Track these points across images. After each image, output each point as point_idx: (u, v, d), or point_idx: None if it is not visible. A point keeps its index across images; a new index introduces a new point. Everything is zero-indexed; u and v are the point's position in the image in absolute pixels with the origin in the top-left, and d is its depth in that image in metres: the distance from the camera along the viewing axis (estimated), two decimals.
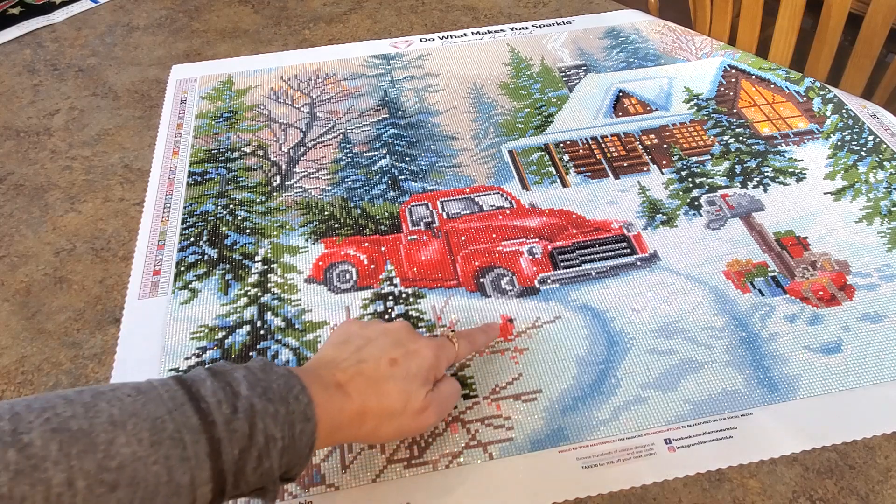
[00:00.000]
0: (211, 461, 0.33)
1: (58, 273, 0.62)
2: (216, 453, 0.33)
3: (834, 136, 0.72)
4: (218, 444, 0.33)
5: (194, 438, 0.33)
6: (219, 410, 0.34)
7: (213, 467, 0.33)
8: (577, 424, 0.49)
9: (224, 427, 0.34)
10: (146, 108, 0.80)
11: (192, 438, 0.33)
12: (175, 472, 0.32)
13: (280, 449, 0.36)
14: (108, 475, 0.30)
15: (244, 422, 0.35)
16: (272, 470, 0.36)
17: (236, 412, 0.35)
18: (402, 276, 0.60)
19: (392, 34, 0.91)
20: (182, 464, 0.32)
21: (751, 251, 0.61)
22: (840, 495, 0.46)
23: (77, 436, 0.30)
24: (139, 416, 0.32)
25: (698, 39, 0.87)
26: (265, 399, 0.36)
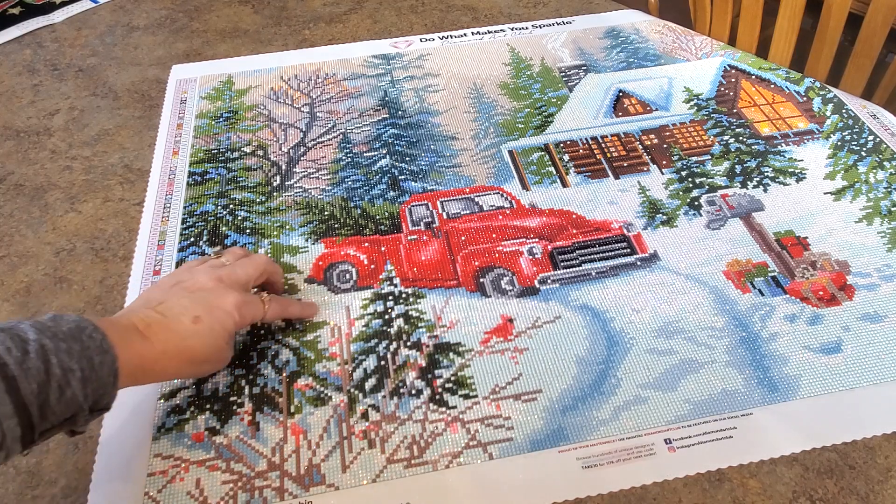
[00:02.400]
0: (10, 396, 0.36)
1: (58, 273, 0.62)
2: (14, 389, 0.36)
3: (834, 136, 0.72)
4: (13, 381, 0.36)
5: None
6: (8, 354, 0.37)
7: (13, 402, 0.36)
8: (577, 424, 0.49)
9: (17, 367, 0.36)
10: (146, 108, 0.80)
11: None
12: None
13: (80, 379, 0.39)
14: None
15: (37, 360, 0.37)
16: (76, 397, 0.38)
17: (27, 353, 0.37)
18: (402, 276, 0.60)
19: (392, 34, 0.91)
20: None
21: (751, 251, 0.61)
22: (840, 495, 0.46)
23: None
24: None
25: (698, 39, 0.87)
26: (56, 339, 0.39)
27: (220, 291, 0.48)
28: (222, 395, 0.52)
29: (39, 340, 0.38)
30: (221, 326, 0.47)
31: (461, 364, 0.53)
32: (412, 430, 0.50)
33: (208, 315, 0.46)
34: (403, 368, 0.53)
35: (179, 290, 0.48)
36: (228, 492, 0.47)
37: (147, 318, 0.45)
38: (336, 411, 0.51)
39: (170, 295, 0.48)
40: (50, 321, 0.40)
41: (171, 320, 0.45)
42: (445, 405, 0.51)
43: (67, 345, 0.39)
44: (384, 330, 0.56)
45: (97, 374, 0.40)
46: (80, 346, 0.39)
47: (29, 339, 0.38)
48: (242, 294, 0.49)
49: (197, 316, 0.46)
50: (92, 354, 0.40)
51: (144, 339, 0.44)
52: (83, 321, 0.41)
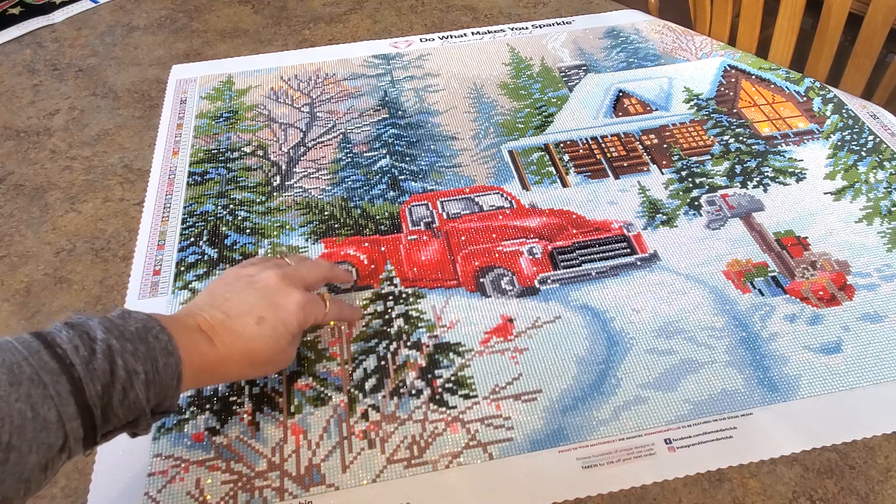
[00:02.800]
0: (74, 397, 0.35)
1: (58, 273, 0.62)
2: (79, 390, 0.36)
3: (834, 136, 0.72)
4: (79, 382, 0.36)
5: (54, 379, 0.35)
6: (76, 354, 0.36)
7: (77, 402, 0.35)
8: (577, 424, 0.49)
9: (83, 367, 0.36)
10: (146, 108, 0.80)
11: (52, 379, 0.35)
12: (39, 409, 0.34)
13: (144, 381, 0.38)
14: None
15: (103, 361, 0.37)
16: (139, 401, 0.38)
17: (94, 353, 0.37)
18: (402, 276, 0.60)
19: (392, 34, 0.91)
20: (46, 401, 0.34)
21: (751, 251, 0.61)
22: (840, 495, 0.46)
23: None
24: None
25: (698, 39, 0.87)
26: (123, 339, 0.38)
27: (286, 290, 0.47)
28: (222, 395, 0.52)
29: (107, 340, 0.38)
30: (285, 327, 0.46)
31: (461, 364, 0.53)
32: (412, 430, 0.50)
33: (273, 314, 0.46)
34: (403, 368, 0.53)
35: (245, 284, 0.47)
36: (228, 492, 0.47)
37: (212, 319, 0.44)
38: (336, 411, 0.51)
39: (236, 290, 0.47)
40: (118, 318, 0.40)
41: (235, 320, 0.45)
42: (445, 405, 0.51)
43: (134, 346, 0.38)
44: (384, 330, 0.56)
45: (161, 376, 0.39)
46: (146, 347, 0.39)
47: (97, 337, 0.38)
48: (306, 293, 0.48)
49: (261, 316, 0.45)
50: (157, 356, 0.39)
51: (209, 342, 0.43)
52: (150, 320, 0.41)
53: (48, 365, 0.35)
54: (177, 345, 0.41)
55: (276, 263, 0.51)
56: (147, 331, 0.40)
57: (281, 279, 0.48)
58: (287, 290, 0.47)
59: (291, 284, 0.48)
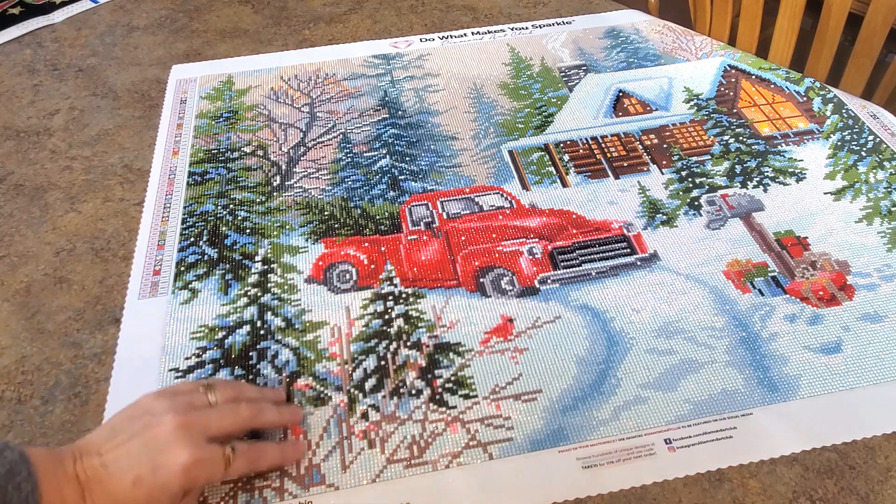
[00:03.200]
0: None
1: (58, 273, 0.62)
2: None
3: (834, 136, 0.72)
4: None
5: None
6: None
7: None
8: (577, 424, 0.49)
9: None
10: (146, 108, 0.80)
11: None
12: None
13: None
14: None
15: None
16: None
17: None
18: (402, 276, 0.60)
19: (392, 34, 0.91)
20: None
21: (751, 251, 0.61)
22: (840, 495, 0.46)
23: None
24: None
25: (698, 39, 0.87)
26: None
27: (174, 446, 0.41)
28: None
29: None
30: (163, 490, 0.41)
31: (461, 364, 0.53)
32: (412, 430, 0.50)
33: (151, 476, 0.40)
34: (403, 368, 0.53)
35: (141, 427, 0.42)
36: (228, 492, 0.47)
37: (91, 471, 0.41)
38: (336, 411, 0.51)
39: (131, 432, 0.42)
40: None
41: (112, 478, 0.40)
42: (445, 405, 0.51)
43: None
44: (384, 330, 0.56)
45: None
46: (2, 499, 0.36)
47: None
48: (201, 449, 0.42)
49: (139, 476, 0.40)
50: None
51: (80, 499, 0.40)
52: (19, 464, 0.37)
53: None
54: (39, 498, 0.37)
55: (188, 403, 0.44)
56: (10, 478, 0.37)
57: (176, 429, 0.42)
58: (177, 447, 0.41)
59: (185, 437, 0.42)
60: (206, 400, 0.46)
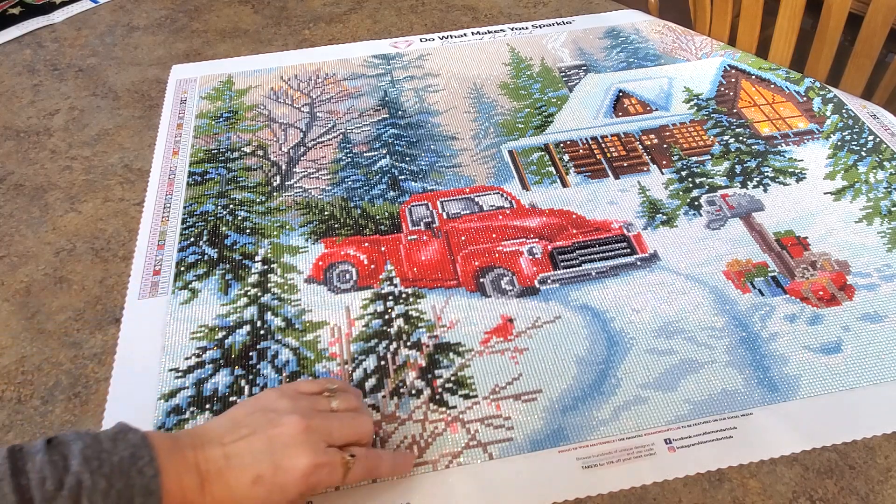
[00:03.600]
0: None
1: (58, 273, 0.62)
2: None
3: (834, 136, 0.72)
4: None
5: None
6: (40, 488, 0.34)
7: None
8: (577, 424, 0.49)
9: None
10: (146, 108, 0.80)
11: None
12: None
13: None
14: None
15: (67, 499, 0.34)
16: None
17: (61, 489, 0.34)
18: (402, 276, 0.60)
19: (392, 34, 0.91)
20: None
21: (751, 251, 0.61)
22: (840, 495, 0.46)
23: None
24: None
25: (698, 39, 0.87)
26: (98, 474, 0.35)
27: (298, 448, 0.41)
28: (222, 395, 0.52)
29: (79, 475, 0.35)
30: (281, 493, 0.40)
31: (461, 364, 0.53)
32: (412, 430, 0.50)
33: (271, 476, 0.40)
34: (403, 368, 0.53)
35: (264, 423, 0.42)
36: None
37: (212, 462, 0.40)
38: None
39: (253, 427, 0.42)
40: (109, 441, 0.37)
41: (232, 471, 0.40)
42: (445, 405, 0.51)
43: (109, 483, 0.35)
44: (384, 330, 0.56)
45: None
46: (124, 483, 0.36)
47: (70, 468, 0.35)
48: (322, 455, 0.41)
49: (259, 475, 0.40)
50: (134, 495, 0.36)
51: (199, 488, 0.39)
52: (141, 448, 0.37)
53: (7, 498, 0.33)
54: (161, 484, 0.37)
55: (311, 406, 0.44)
56: (133, 462, 0.36)
57: (301, 432, 0.41)
58: (299, 451, 0.41)
59: (308, 442, 0.41)
60: (329, 405, 0.45)
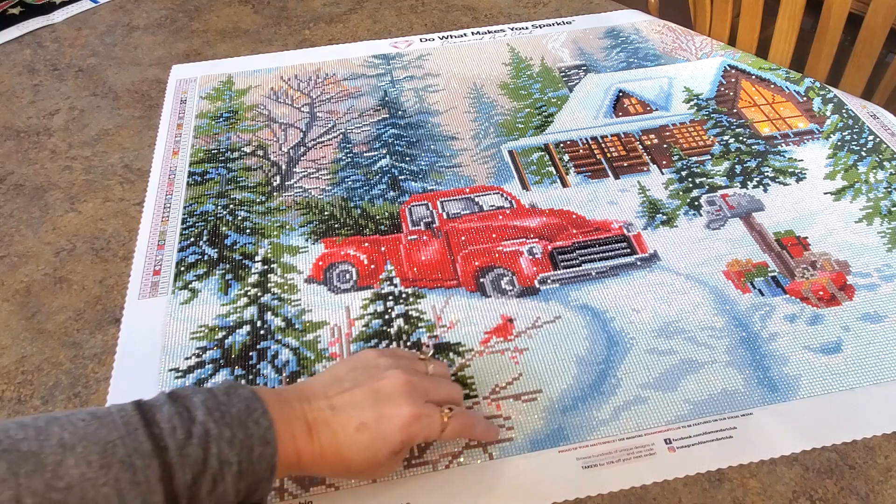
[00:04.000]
0: (163, 485, 0.34)
1: (58, 273, 0.62)
2: (168, 478, 0.34)
3: (834, 136, 0.72)
4: (170, 469, 0.34)
5: (145, 463, 0.34)
6: (172, 436, 0.35)
7: (165, 491, 0.34)
8: (577, 424, 0.49)
9: (177, 452, 0.35)
10: (146, 108, 0.80)
11: (143, 463, 0.34)
12: (126, 495, 0.33)
13: (235, 473, 0.36)
14: (56, 494, 0.31)
15: (198, 447, 0.35)
16: (227, 494, 0.36)
17: (190, 437, 0.36)
18: (402, 276, 0.60)
19: (392, 34, 0.91)
20: (133, 487, 0.33)
21: (751, 251, 0.61)
22: (840, 495, 0.46)
23: (26, 456, 0.31)
24: (89, 440, 0.33)
25: (698, 39, 0.87)
26: (222, 423, 0.37)
27: (400, 399, 0.42)
28: None
29: (205, 423, 0.36)
30: (384, 441, 0.41)
31: (461, 364, 0.53)
32: None
33: (375, 424, 0.41)
34: None
35: (366, 377, 0.44)
36: None
37: (318, 412, 0.41)
38: None
39: (355, 381, 0.43)
40: (223, 394, 0.38)
41: (338, 419, 0.41)
42: None
43: (231, 431, 0.37)
44: (384, 330, 0.56)
45: (254, 467, 0.37)
46: (244, 433, 0.37)
47: (196, 418, 0.36)
48: (422, 407, 0.43)
49: (363, 423, 0.41)
50: (253, 444, 0.37)
51: (307, 436, 0.40)
52: (254, 401, 0.39)
53: (142, 447, 0.34)
54: (276, 434, 0.38)
55: (409, 366, 0.46)
56: (249, 413, 0.38)
57: (403, 384, 0.43)
58: (401, 401, 0.42)
59: (409, 394, 0.43)
60: (425, 368, 0.47)
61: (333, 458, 0.41)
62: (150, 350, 0.55)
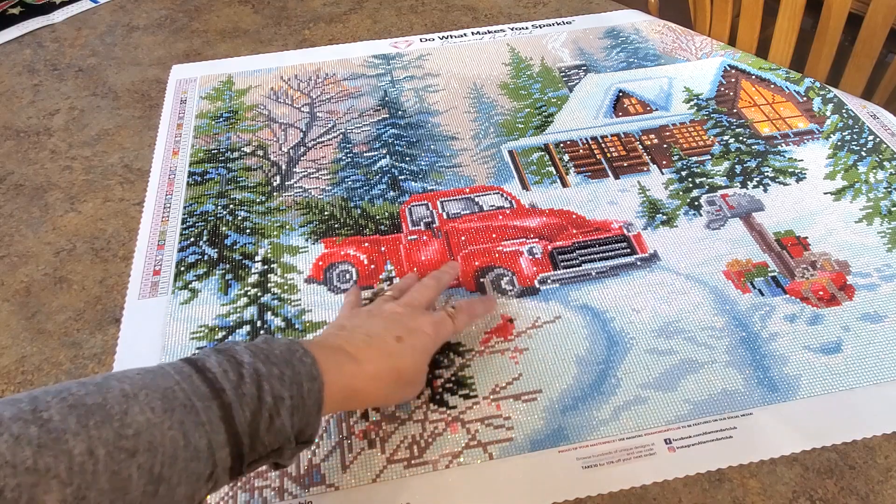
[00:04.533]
0: (225, 424, 0.35)
1: (58, 273, 0.62)
2: (229, 417, 0.35)
3: (834, 136, 0.72)
4: (229, 409, 0.35)
5: (206, 405, 0.35)
6: (225, 378, 0.36)
7: (227, 430, 0.35)
8: (577, 424, 0.49)
9: (233, 392, 0.36)
10: (146, 108, 0.80)
11: (203, 405, 0.34)
12: (191, 436, 0.33)
13: (289, 407, 0.37)
14: (126, 442, 0.31)
15: (251, 385, 0.36)
16: (284, 428, 0.37)
17: (242, 378, 0.37)
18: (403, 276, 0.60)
19: (392, 34, 0.91)
20: (197, 428, 0.34)
21: (751, 251, 0.61)
22: (840, 495, 0.46)
23: (93, 409, 0.31)
24: (150, 388, 0.34)
25: (698, 39, 0.87)
26: (269, 363, 0.38)
27: (412, 314, 0.48)
28: None
29: (254, 364, 0.37)
30: (423, 345, 0.47)
31: (461, 364, 0.53)
32: (412, 430, 0.50)
33: (408, 335, 0.46)
34: None
35: (369, 315, 0.48)
36: (228, 491, 0.47)
37: (356, 342, 0.44)
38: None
39: (364, 319, 0.47)
40: (263, 343, 0.40)
41: (376, 339, 0.45)
42: (445, 405, 0.51)
43: (279, 370, 0.38)
44: None
45: (305, 402, 0.39)
46: (292, 371, 0.39)
47: (244, 361, 0.37)
48: (432, 315, 0.49)
49: (399, 335, 0.45)
50: (302, 381, 0.39)
51: (354, 361, 0.43)
52: (293, 343, 0.41)
53: (199, 389, 0.35)
54: (321, 369, 0.40)
55: (387, 298, 0.51)
56: (292, 353, 0.40)
57: (404, 306, 0.49)
58: (414, 314, 0.48)
59: (414, 310, 0.49)
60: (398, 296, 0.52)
61: (388, 371, 0.44)
62: (150, 350, 0.55)
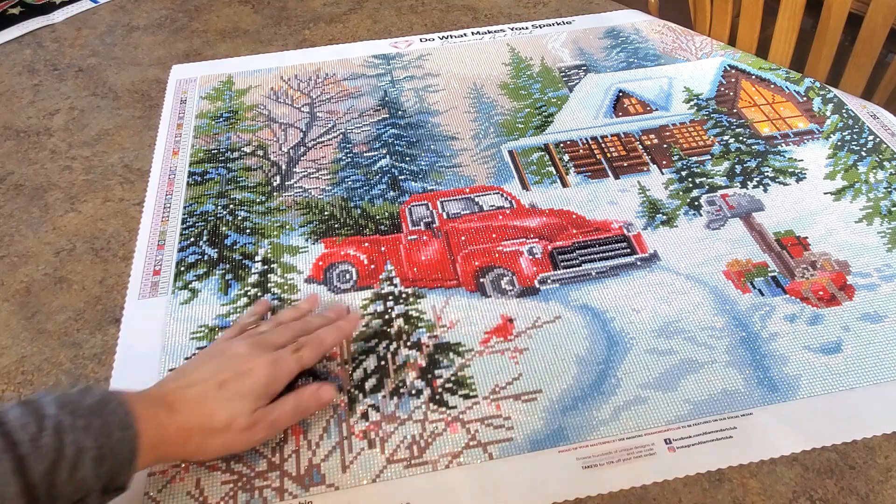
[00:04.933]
0: (18, 476, 0.35)
1: (58, 273, 0.62)
2: (23, 469, 0.35)
3: (834, 136, 0.72)
4: (23, 461, 0.36)
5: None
6: (23, 431, 0.36)
7: (21, 482, 0.35)
8: (577, 424, 0.49)
9: (29, 444, 0.36)
10: (146, 108, 0.80)
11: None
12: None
13: (94, 458, 0.38)
14: None
15: (51, 437, 0.37)
16: (86, 480, 0.38)
17: (42, 431, 0.37)
18: (402, 276, 0.60)
19: (392, 34, 0.91)
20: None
21: (751, 251, 0.61)
22: (840, 495, 0.46)
23: None
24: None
25: (698, 39, 0.87)
26: (75, 415, 0.38)
27: (250, 356, 0.47)
28: None
29: (57, 416, 0.38)
30: (248, 390, 0.45)
31: (461, 364, 0.53)
32: (412, 430, 0.50)
33: (235, 380, 0.45)
34: (403, 368, 0.53)
35: (213, 356, 0.48)
36: (228, 492, 0.47)
37: (175, 392, 0.44)
38: (336, 411, 0.51)
39: (203, 362, 0.47)
40: (76, 394, 0.40)
41: (196, 387, 0.45)
42: (445, 405, 0.51)
43: (86, 421, 0.38)
44: (384, 330, 0.56)
45: (114, 451, 0.39)
46: (101, 421, 0.39)
47: (46, 413, 0.38)
48: (273, 353, 0.47)
49: (224, 380, 0.45)
50: (112, 430, 0.39)
51: (168, 410, 0.43)
52: (109, 395, 0.41)
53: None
54: (135, 417, 0.40)
55: (248, 334, 0.51)
56: (104, 404, 0.40)
57: (249, 347, 0.48)
58: (251, 357, 0.47)
59: (258, 348, 0.47)
60: (259, 330, 0.51)
61: (197, 418, 0.43)
62: (150, 350, 0.55)
